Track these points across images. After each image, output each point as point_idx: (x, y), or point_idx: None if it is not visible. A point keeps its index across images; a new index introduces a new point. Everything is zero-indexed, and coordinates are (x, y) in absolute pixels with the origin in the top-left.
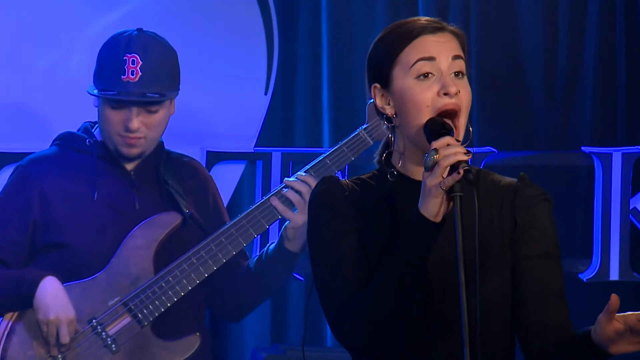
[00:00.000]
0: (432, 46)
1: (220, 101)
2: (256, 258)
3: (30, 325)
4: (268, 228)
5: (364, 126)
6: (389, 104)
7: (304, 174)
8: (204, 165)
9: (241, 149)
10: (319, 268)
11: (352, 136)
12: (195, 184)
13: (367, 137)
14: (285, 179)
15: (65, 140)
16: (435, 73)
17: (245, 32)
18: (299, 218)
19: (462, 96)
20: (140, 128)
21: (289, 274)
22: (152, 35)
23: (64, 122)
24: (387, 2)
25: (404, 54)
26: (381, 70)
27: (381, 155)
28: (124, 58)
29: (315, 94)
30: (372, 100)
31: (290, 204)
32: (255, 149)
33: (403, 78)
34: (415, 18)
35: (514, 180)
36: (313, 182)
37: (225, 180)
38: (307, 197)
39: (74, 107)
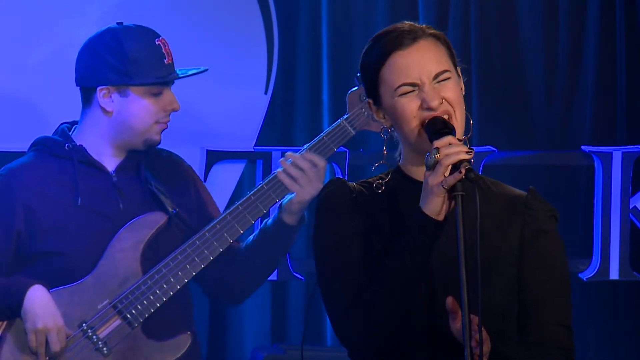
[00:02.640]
0: (411, 66)
1: (220, 100)
2: (251, 238)
3: (21, 334)
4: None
5: (345, 116)
6: (384, 118)
7: (305, 152)
8: (204, 165)
9: (241, 148)
10: (324, 270)
11: (333, 126)
12: (176, 177)
13: (349, 127)
14: (288, 152)
15: (43, 145)
16: (416, 88)
17: (245, 32)
18: (306, 192)
19: (448, 100)
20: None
21: (285, 250)
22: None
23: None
24: (387, 2)
25: (385, 73)
26: (370, 88)
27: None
28: (157, 43)
29: (315, 94)
30: (352, 90)
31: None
32: (255, 148)
33: (389, 97)
34: (392, 28)
35: (524, 193)
36: (317, 159)
37: (226, 179)
38: (310, 173)
39: (68, 105)
